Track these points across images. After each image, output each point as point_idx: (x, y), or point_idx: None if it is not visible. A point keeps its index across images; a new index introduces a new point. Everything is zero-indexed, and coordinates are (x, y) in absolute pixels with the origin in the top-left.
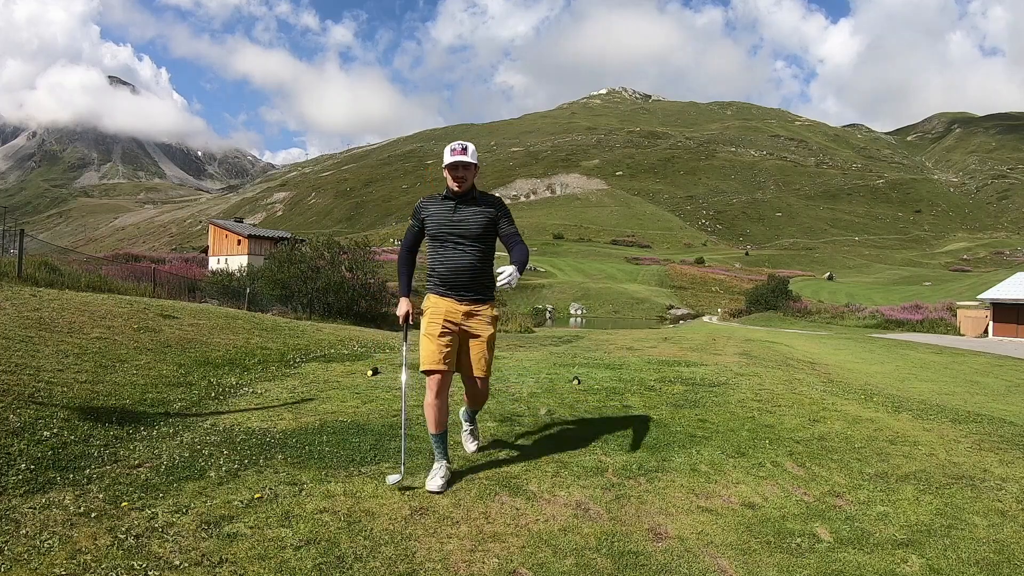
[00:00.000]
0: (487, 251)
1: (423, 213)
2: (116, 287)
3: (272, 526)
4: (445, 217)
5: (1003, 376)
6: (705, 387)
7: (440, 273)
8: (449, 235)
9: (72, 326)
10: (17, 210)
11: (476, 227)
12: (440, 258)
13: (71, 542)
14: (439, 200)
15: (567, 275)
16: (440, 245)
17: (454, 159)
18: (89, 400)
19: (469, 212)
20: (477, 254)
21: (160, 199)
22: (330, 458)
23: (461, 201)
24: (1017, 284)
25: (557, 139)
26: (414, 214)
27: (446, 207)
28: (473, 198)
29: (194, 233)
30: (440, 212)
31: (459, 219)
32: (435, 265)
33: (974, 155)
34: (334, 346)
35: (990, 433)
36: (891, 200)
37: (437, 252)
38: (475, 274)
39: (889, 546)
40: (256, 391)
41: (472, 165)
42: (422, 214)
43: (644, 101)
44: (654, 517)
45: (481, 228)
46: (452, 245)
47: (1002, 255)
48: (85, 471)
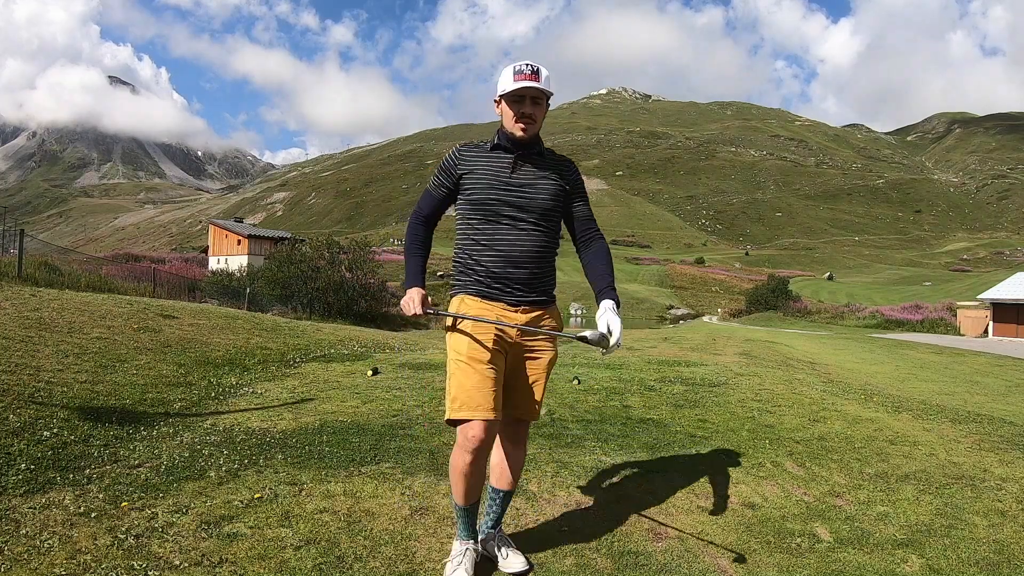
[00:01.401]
0: (555, 234)
1: (461, 167)
2: (116, 287)
3: (272, 526)
4: (498, 178)
5: (1003, 376)
6: (705, 387)
7: (486, 263)
8: (505, 205)
9: (72, 326)
10: (17, 210)
11: (545, 196)
12: (486, 240)
13: (71, 542)
14: (486, 151)
15: (567, 275)
16: (486, 220)
17: (522, 84)
18: (89, 400)
19: (535, 173)
20: (543, 238)
21: (160, 199)
22: (330, 458)
23: (523, 156)
24: (1017, 284)
25: (557, 139)
26: (443, 169)
27: (499, 163)
28: (539, 153)
29: (194, 233)
30: (490, 169)
31: (521, 182)
32: (475, 251)
33: (974, 155)
34: (334, 346)
35: (990, 433)
36: (891, 200)
37: (481, 231)
38: (540, 266)
39: (889, 546)
40: (256, 391)
41: (546, 97)
42: (459, 169)
43: (644, 101)
44: (654, 517)
45: (551, 198)
46: (509, 221)
47: (1002, 255)
48: (85, 471)
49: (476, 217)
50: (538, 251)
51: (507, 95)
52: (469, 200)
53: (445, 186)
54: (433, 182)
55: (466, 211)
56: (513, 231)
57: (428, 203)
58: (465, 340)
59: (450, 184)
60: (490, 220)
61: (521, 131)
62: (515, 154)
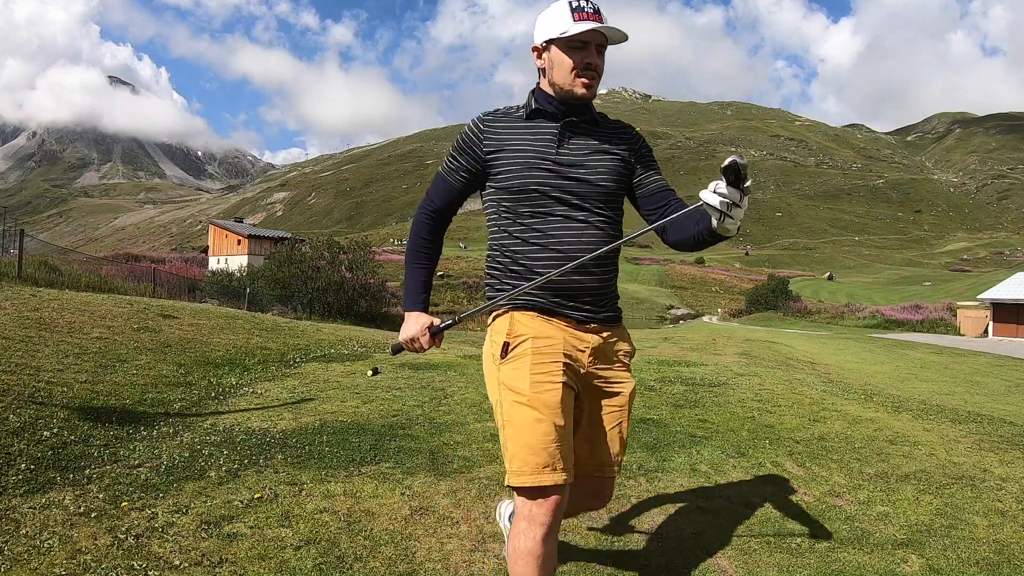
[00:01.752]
0: (619, 224)
1: (488, 144)
2: (116, 287)
3: (272, 526)
4: (541, 155)
5: (1003, 376)
6: (705, 387)
7: (541, 269)
8: (552, 190)
9: (72, 326)
10: (17, 210)
11: (605, 175)
12: (536, 237)
13: (71, 542)
14: (519, 119)
15: None
16: (533, 212)
17: (587, 27)
18: (89, 400)
19: (588, 146)
20: (608, 230)
21: (160, 199)
22: (330, 458)
23: (571, 124)
24: (1017, 284)
25: None
26: (463, 147)
27: (541, 135)
28: (592, 120)
29: (194, 233)
30: (529, 144)
31: (571, 159)
32: (522, 252)
33: (974, 155)
34: (334, 346)
35: (990, 433)
36: (891, 200)
37: (527, 226)
38: (609, 270)
39: (889, 546)
40: (256, 391)
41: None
42: (485, 145)
43: (644, 101)
44: (654, 517)
45: (613, 178)
46: (562, 212)
47: (1002, 255)
48: (85, 471)
49: (518, 208)
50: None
51: (563, 40)
52: (504, 186)
53: (466, 169)
54: (448, 164)
55: (501, 200)
56: (569, 225)
57: (441, 192)
58: (524, 373)
59: (473, 166)
60: (538, 212)
61: (584, 88)
62: (561, 122)
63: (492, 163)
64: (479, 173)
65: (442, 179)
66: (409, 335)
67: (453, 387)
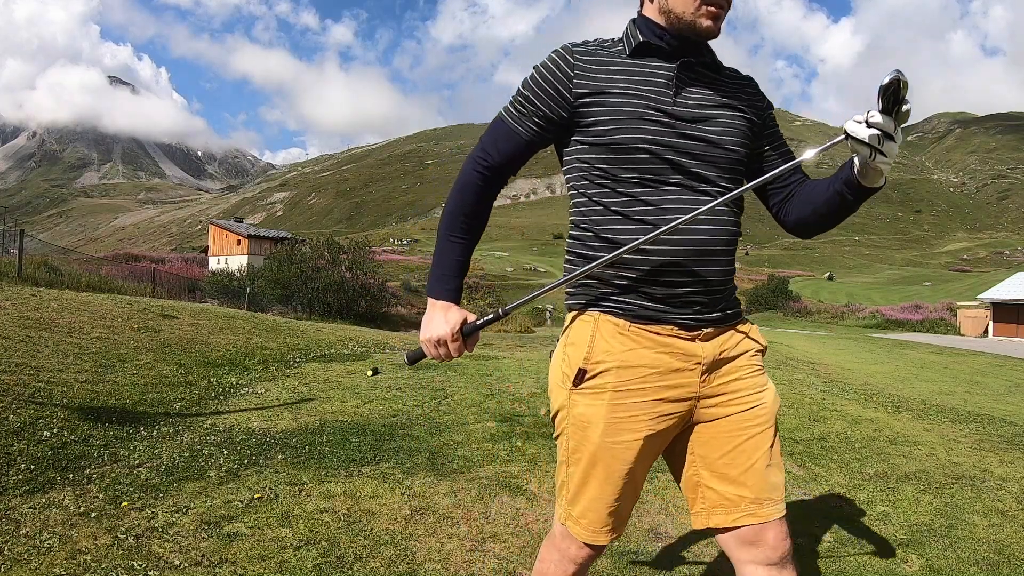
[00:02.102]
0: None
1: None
2: (116, 287)
3: (272, 526)
4: (652, 104)
5: (1003, 376)
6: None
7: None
8: (668, 152)
9: (72, 326)
10: (17, 210)
11: (733, 138)
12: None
13: (71, 542)
14: (620, 55)
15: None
16: (643, 178)
17: None
18: (89, 400)
19: (710, 99)
20: (733, 209)
21: (160, 199)
22: (330, 458)
23: (688, 66)
24: (1017, 284)
25: None
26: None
27: (654, 76)
28: (713, 66)
29: (194, 233)
30: (638, 86)
31: (691, 113)
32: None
33: (974, 155)
34: (334, 346)
35: (990, 433)
36: (891, 200)
37: (631, 199)
38: (731, 258)
39: (889, 546)
40: (256, 391)
41: None
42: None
43: None
44: (654, 517)
45: (741, 142)
46: (680, 180)
47: (1002, 255)
48: (85, 471)
49: (620, 173)
50: (731, 232)
51: None
52: (602, 143)
53: (543, 116)
54: (517, 108)
55: (595, 163)
56: (689, 197)
57: (503, 144)
58: (600, 416)
59: (555, 113)
60: (649, 179)
61: (710, 20)
62: (676, 63)
63: (584, 111)
64: (562, 123)
65: (505, 127)
66: (434, 335)
67: (453, 387)
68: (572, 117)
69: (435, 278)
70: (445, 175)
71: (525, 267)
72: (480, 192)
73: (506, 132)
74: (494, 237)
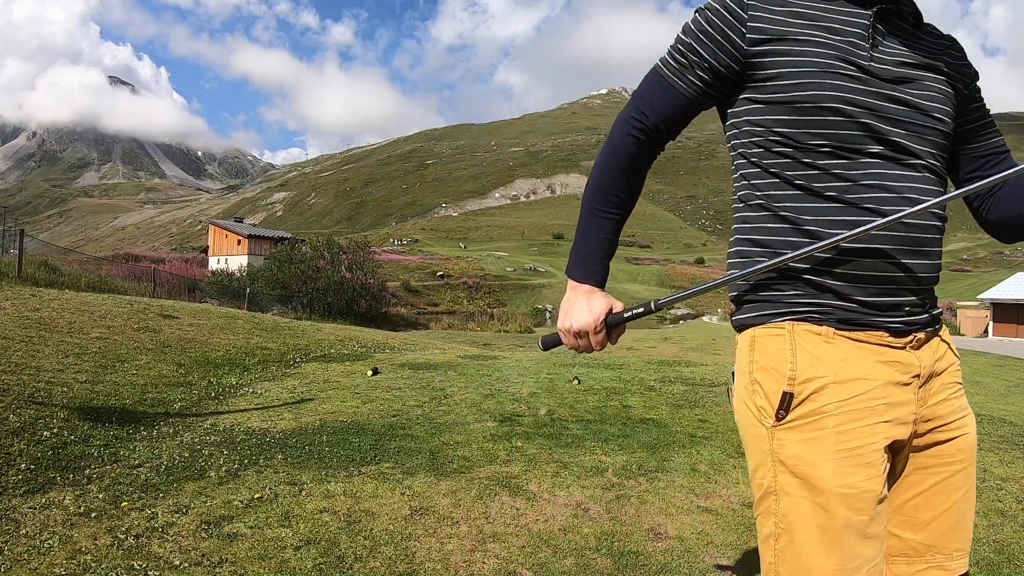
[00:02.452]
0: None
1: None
2: (116, 287)
3: (272, 526)
4: (850, 53)
5: (1003, 376)
6: (705, 387)
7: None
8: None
9: (72, 326)
10: (17, 210)
11: (943, 105)
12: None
13: (71, 542)
14: None
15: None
16: (837, 146)
17: None
18: (89, 400)
19: (915, 56)
20: (943, 186)
21: (160, 199)
22: (330, 458)
23: (885, 14)
24: (1017, 284)
25: (557, 139)
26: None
27: (847, 22)
28: (916, 15)
29: (194, 233)
30: (828, 33)
31: (896, 71)
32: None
33: None
34: (334, 346)
35: (990, 433)
36: None
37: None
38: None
39: None
40: (256, 391)
41: None
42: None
43: None
44: (654, 517)
45: (949, 111)
46: (882, 151)
47: (1002, 255)
48: (85, 471)
49: (806, 139)
50: (942, 218)
51: None
52: (783, 100)
53: (709, 68)
54: (676, 61)
55: (774, 125)
56: (895, 172)
57: (662, 103)
58: (826, 453)
59: (724, 64)
60: (844, 148)
61: None
62: (873, 9)
63: (760, 61)
64: (731, 77)
65: (663, 82)
66: (575, 325)
67: (453, 387)
68: (744, 70)
69: (578, 258)
70: (445, 175)
71: (525, 267)
72: (633, 160)
73: (663, 88)
74: (494, 237)
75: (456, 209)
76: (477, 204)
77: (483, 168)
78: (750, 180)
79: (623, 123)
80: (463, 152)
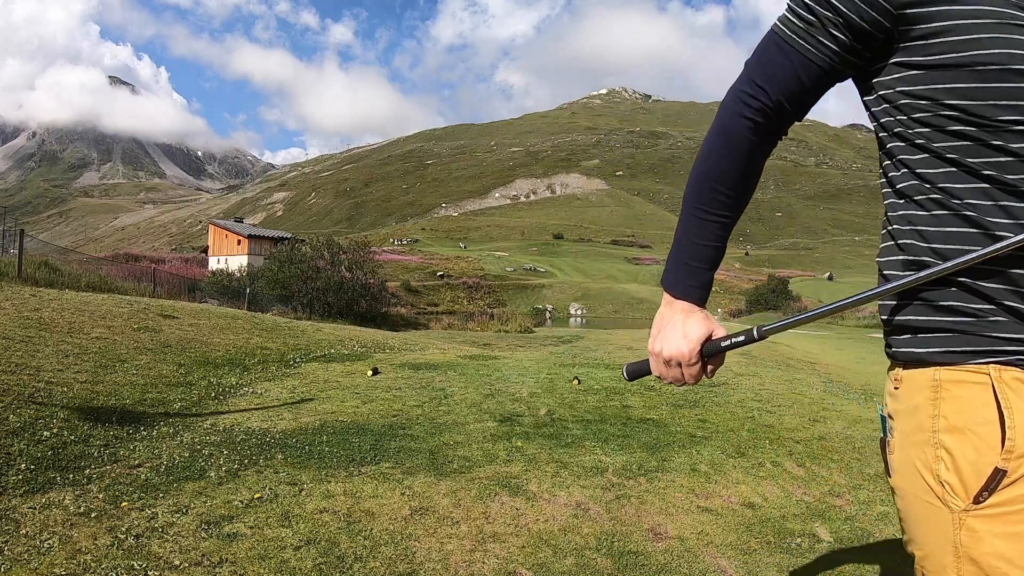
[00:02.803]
0: None
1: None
2: (116, 287)
3: (272, 526)
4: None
5: None
6: (705, 387)
7: None
8: None
9: (72, 326)
10: (17, 210)
11: None
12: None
13: (71, 542)
14: None
15: (567, 275)
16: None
17: None
18: (89, 400)
19: None
20: None
21: (160, 199)
22: (330, 458)
23: None
24: None
25: (557, 139)
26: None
27: None
28: None
29: (194, 233)
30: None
31: None
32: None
33: None
34: (334, 346)
35: None
36: None
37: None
38: None
39: (889, 546)
40: (256, 391)
41: None
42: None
43: (644, 101)
44: (654, 517)
45: None
46: None
47: None
48: (85, 471)
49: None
50: None
51: None
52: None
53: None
54: (803, 19)
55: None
56: None
57: (781, 76)
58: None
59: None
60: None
61: None
62: None
63: (918, 13)
64: (878, 35)
65: (784, 47)
66: (668, 352)
67: (453, 387)
68: (896, 25)
69: (676, 267)
70: (445, 175)
71: (525, 267)
72: (748, 147)
73: (786, 54)
74: (494, 237)
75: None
76: (477, 204)
77: (483, 168)
78: (915, 169)
79: (735, 102)
80: (463, 152)
